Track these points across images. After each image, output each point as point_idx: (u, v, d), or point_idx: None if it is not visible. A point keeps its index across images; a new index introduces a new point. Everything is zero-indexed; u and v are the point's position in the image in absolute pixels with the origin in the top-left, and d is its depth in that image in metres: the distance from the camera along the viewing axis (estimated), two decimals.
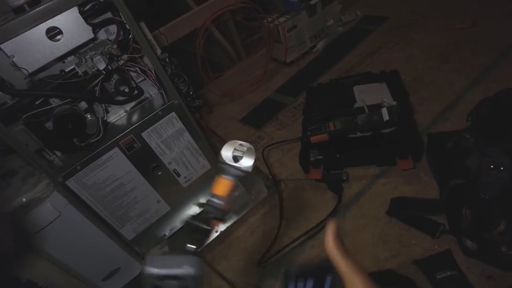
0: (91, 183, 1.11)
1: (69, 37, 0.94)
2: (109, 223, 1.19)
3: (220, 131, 1.88)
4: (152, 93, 1.22)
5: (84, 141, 1.08)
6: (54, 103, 1.01)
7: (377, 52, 2.06)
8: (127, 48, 1.08)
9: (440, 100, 1.61)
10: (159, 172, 1.21)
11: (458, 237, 1.04)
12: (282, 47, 2.15)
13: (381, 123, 1.28)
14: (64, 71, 1.02)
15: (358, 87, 1.57)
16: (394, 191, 1.30)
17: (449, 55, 1.82)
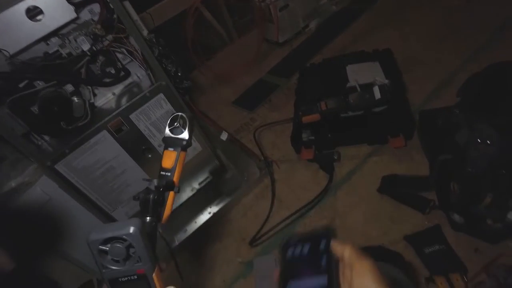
0: (80, 166, 1.10)
1: (51, 17, 0.91)
2: (101, 207, 1.19)
3: (212, 114, 1.86)
4: (140, 75, 1.20)
5: (72, 124, 1.07)
6: (38, 86, 0.99)
7: (371, 31, 2.04)
8: (111, 28, 1.06)
9: (433, 78, 1.60)
10: (149, 154, 1.20)
11: (446, 212, 1.05)
12: (274, 27, 2.11)
13: (373, 102, 1.28)
14: (48, 53, 1.00)
15: (350, 66, 1.56)
16: (386, 169, 1.31)
17: (443, 34, 1.80)
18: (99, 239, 0.41)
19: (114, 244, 0.41)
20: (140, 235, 0.41)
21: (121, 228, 0.41)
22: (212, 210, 1.38)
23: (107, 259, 0.42)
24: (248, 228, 1.32)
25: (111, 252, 0.42)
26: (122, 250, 0.41)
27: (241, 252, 1.26)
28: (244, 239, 1.29)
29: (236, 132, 1.72)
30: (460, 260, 0.97)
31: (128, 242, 0.41)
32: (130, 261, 0.42)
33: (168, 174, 0.54)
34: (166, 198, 0.54)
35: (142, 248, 0.42)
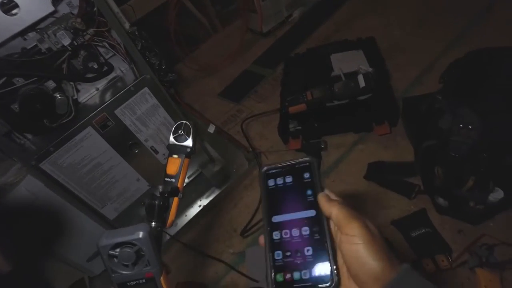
0: (66, 164, 1.08)
1: (27, 10, 0.89)
2: (89, 204, 1.18)
3: (198, 106, 1.85)
4: (123, 69, 1.18)
5: (55, 121, 1.04)
6: (18, 83, 0.96)
7: (354, 20, 2.04)
8: (92, 21, 1.03)
9: (415, 65, 1.63)
10: (136, 150, 1.19)
11: (431, 196, 1.08)
12: (258, 17, 2.10)
13: (358, 90, 1.29)
14: (26, 49, 0.97)
15: (335, 55, 1.57)
16: (372, 156, 1.33)
17: (424, 20, 1.83)
18: (109, 244, 0.43)
19: (123, 249, 0.42)
20: (149, 240, 0.43)
21: (131, 233, 0.43)
22: (202, 203, 1.39)
23: (116, 264, 0.43)
24: (238, 219, 1.33)
25: (121, 256, 0.43)
26: (132, 255, 0.43)
27: (232, 243, 1.27)
28: (235, 230, 1.30)
29: (223, 124, 1.72)
30: (445, 241, 1.00)
31: (137, 247, 0.43)
32: (139, 265, 0.44)
33: (173, 181, 0.56)
34: (170, 203, 0.56)
35: (151, 252, 0.43)
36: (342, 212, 0.39)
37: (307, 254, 0.40)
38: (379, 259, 0.35)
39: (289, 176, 0.45)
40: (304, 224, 0.42)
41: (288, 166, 0.46)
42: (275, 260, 0.41)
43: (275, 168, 0.46)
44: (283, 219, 0.43)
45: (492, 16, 1.69)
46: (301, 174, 0.44)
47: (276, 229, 0.42)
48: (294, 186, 0.44)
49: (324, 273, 0.39)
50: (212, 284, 1.19)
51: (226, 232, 1.31)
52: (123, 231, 0.44)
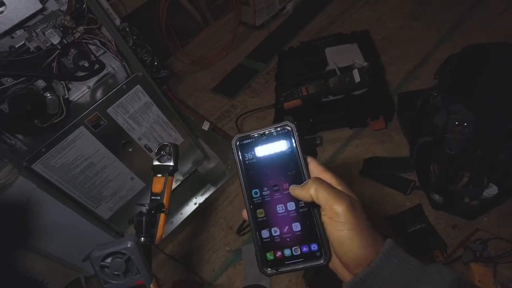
0: (59, 165, 1.07)
1: (13, 8, 0.86)
2: (83, 204, 1.17)
3: (191, 102, 1.83)
4: (115, 66, 1.15)
5: (47, 121, 1.02)
6: (7, 82, 0.94)
7: (348, 12, 2.03)
8: (82, 19, 1.00)
9: (410, 58, 1.63)
10: (129, 148, 1.17)
11: (427, 191, 1.09)
12: (250, 10, 2.07)
13: (353, 85, 1.29)
14: (14, 47, 0.94)
15: (329, 49, 1.56)
16: (367, 151, 1.33)
17: (418, 12, 1.82)
18: (100, 255, 0.45)
19: (114, 259, 0.45)
20: (137, 248, 0.45)
21: (120, 244, 0.45)
22: (197, 200, 1.38)
23: (108, 274, 0.46)
24: (234, 216, 1.33)
25: (111, 266, 0.45)
26: (122, 264, 0.45)
27: (228, 240, 1.27)
28: (231, 227, 1.30)
29: (217, 120, 1.70)
30: (440, 237, 1.01)
31: (126, 256, 0.45)
32: (129, 274, 0.46)
33: (158, 198, 0.61)
34: (157, 219, 0.59)
35: (139, 261, 0.46)
36: (326, 194, 0.36)
37: (295, 230, 0.39)
38: (363, 246, 0.35)
39: (266, 145, 0.41)
40: (289, 198, 0.40)
41: (263, 134, 0.41)
42: (263, 239, 0.40)
43: (248, 138, 0.42)
44: (265, 195, 0.40)
45: (486, 8, 1.69)
46: (280, 141, 0.41)
47: (259, 206, 0.40)
48: (273, 157, 0.41)
49: (315, 249, 0.38)
50: (208, 282, 1.19)
51: (222, 229, 1.31)
52: (113, 243, 0.46)
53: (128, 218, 0.61)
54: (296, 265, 0.39)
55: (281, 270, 0.39)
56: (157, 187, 0.61)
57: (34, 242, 1.11)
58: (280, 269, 0.39)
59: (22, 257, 1.15)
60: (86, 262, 1.25)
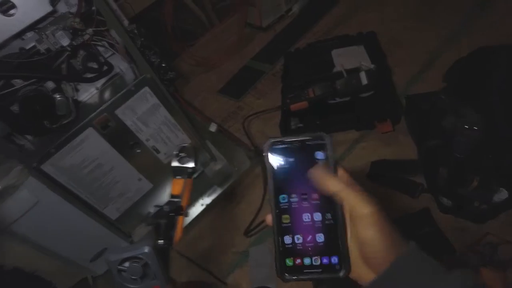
0: (67, 165, 1.07)
1: (24, 11, 0.86)
2: (91, 205, 1.17)
3: (198, 103, 1.84)
4: (123, 68, 1.16)
5: (56, 123, 1.03)
6: (17, 84, 0.95)
7: (354, 13, 2.03)
8: (91, 21, 1.01)
9: (416, 60, 1.62)
10: (137, 150, 1.18)
11: (435, 195, 1.09)
12: (256, 11, 2.07)
13: (360, 88, 1.28)
14: (24, 49, 0.95)
15: (336, 50, 1.56)
16: (374, 154, 1.33)
17: (425, 14, 1.81)
18: (117, 259, 0.45)
19: (131, 263, 0.45)
20: (154, 254, 0.45)
21: (137, 249, 0.46)
22: (204, 201, 1.38)
23: (125, 278, 0.46)
24: (241, 218, 1.33)
25: (129, 271, 0.45)
26: (139, 269, 0.45)
27: (235, 242, 1.28)
28: (238, 229, 1.30)
29: (223, 122, 1.70)
30: (449, 241, 1.01)
31: (144, 261, 0.45)
32: (146, 279, 0.46)
33: (177, 200, 0.59)
34: (176, 222, 0.58)
35: (156, 265, 0.46)
36: (355, 192, 0.37)
37: (318, 240, 0.39)
38: (389, 246, 0.36)
39: (299, 153, 0.40)
40: (316, 208, 0.40)
41: (298, 141, 0.41)
42: (285, 245, 0.40)
43: (282, 143, 0.41)
44: (292, 201, 0.40)
45: (493, 10, 1.68)
46: (313, 151, 0.40)
47: (285, 212, 0.40)
48: (305, 166, 0.40)
49: (335, 262, 0.38)
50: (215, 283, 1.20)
51: (229, 231, 1.32)
52: (130, 247, 0.47)
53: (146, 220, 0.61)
54: (314, 275, 0.39)
55: (299, 277, 0.39)
56: (176, 189, 0.60)
57: (42, 242, 1.12)
58: (298, 276, 0.39)
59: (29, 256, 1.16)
60: (94, 263, 1.26)
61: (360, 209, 0.36)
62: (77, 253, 1.22)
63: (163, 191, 1.33)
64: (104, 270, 1.31)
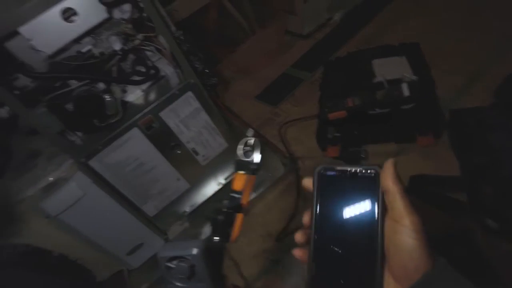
0: (112, 162, 1.13)
1: (84, 17, 0.93)
2: (132, 201, 1.23)
3: (235, 108, 1.86)
4: (168, 72, 1.20)
5: (104, 121, 1.09)
6: (73, 84, 1.02)
7: (396, 23, 1.98)
8: (141, 27, 1.07)
9: (462, 73, 1.55)
10: (178, 151, 1.22)
11: (479, 215, 1.03)
12: (297, 19, 2.08)
13: (401, 99, 1.25)
14: (81, 52, 1.02)
15: (377, 60, 1.52)
16: (413, 168, 1.28)
17: (473, 24, 1.73)
18: (166, 256, 0.46)
19: (179, 262, 0.45)
20: (202, 257, 0.45)
21: (186, 248, 0.45)
22: None
23: (172, 275, 0.46)
24: (273, 224, 1.33)
25: (176, 269, 0.45)
26: (186, 269, 0.45)
27: (266, 247, 1.28)
28: (269, 234, 1.31)
29: (259, 127, 1.72)
30: (493, 267, 0.95)
31: (191, 262, 0.45)
32: (193, 280, 0.46)
33: (238, 196, 0.55)
34: (235, 219, 0.55)
35: (203, 269, 0.45)
36: (405, 200, 0.37)
37: (354, 273, 0.39)
38: (425, 257, 0.36)
39: (349, 183, 0.40)
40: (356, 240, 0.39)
41: (349, 171, 0.40)
42: (318, 272, 0.39)
43: (333, 170, 0.41)
44: (333, 231, 0.39)
45: None
46: (363, 184, 0.39)
47: (324, 240, 0.39)
48: (352, 196, 0.39)
49: None
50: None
51: (260, 236, 1.32)
52: (180, 245, 0.47)
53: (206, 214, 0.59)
54: None
55: None
56: (237, 184, 0.56)
57: (85, 232, 1.18)
58: None
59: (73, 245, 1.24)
60: (131, 256, 1.31)
61: (408, 217, 0.36)
62: (116, 246, 1.28)
63: (199, 192, 1.37)
64: (139, 264, 1.36)
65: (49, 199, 1.07)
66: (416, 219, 0.36)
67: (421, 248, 0.36)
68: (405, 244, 0.36)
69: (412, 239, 0.36)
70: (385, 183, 0.38)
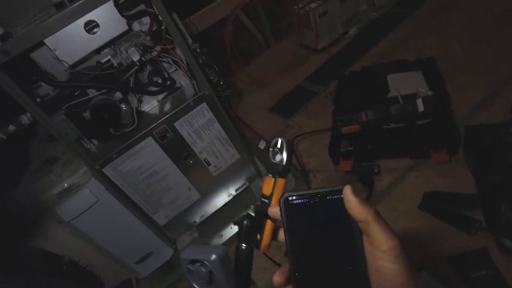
0: (126, 170, 1.15)
1: (105, 29, 0.97)
2: (143, 209, 1.24)
3: (248, 120, 1.88)
4: (184, 84, 1.23)
5: (119, 130, 1.12)
6: (91, 93, 1.05)
7: (412, 38, 1.98)
8: (159, 39, 1.10)
9: (479, 88, 1.53)
10: (190, 161, 1.23)
11: (495, 234, 1.00)
12: (313, 34, 2.10)
13: (416, 114, 1.24)
14: (100, 62, 1.05)
15: (392, 75, 1.52)
16: (427, 184, 1.26)
17: (491, 39, 1.71)
18: (187, 258, 0.44)
19: (198, 267, 0.44)
20: (220, 264, 0.43)
21: (205, 253, 0.43)
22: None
23: (194, 279, 0.45)
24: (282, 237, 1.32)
25: (196, 273, 0.44)
26: (205, 274, 0.43)
27: (276, 260, 1.27)
28: (279, 248, 1.29)
29: (272, 139, 1.72)
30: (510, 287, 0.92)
31: (209, 268, 0.43)
32: (213, 286, 0.44)
33: (267, 201, 0.51)
34: (263, 225, 0.50)
35: (221, 277, 0.43)
36: (380, 225, 0.36)
37: None
38: (406, 280, 0.36)
39: (318, 208, 0.38)
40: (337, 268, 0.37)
41: (316, 195, 0.38)
42: None
43: (299, 197, 0.38)
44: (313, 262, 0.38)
45: None
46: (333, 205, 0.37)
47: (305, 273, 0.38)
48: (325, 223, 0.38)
49: None
50: None
51: (270, 249, 1.31)
52: (201, 249, 0.45)
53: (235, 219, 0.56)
54: None
55: None
56: (266, 188, 0.52)
57: (96, 239, 1.20)
58: None
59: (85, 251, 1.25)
60: (139, 265, 1.32)
61: (386, 242, 0.35)
62: (125, 254, 1.29)
63: (210, 202, 1.37)
64: (148, 273, 1.37)
65: (63, 204, 1.09)
66: (394, 243, 0.35)
67: (403, 272, 0.35)
68: (386, 269, 0.35)
69: (393, 264, 0.35)
70: (352, 213, 0.37)
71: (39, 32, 0.87)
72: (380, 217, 0.37)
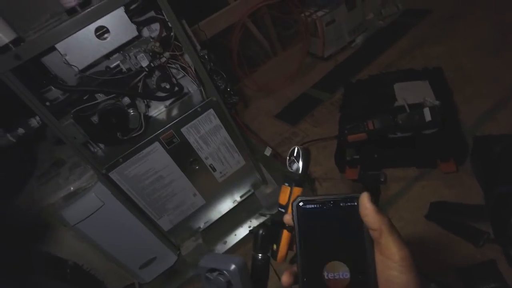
0: (132, 175, 1.16)
1: (115, 35, 0.98)
2: (148, 214, 1.24)
3: (254, 126, 1.89)
4: (191, 90, 1.24)
5: (127, 135, 1.12)
6: (99, 98, 1.06)
7: (419, 47, 1.98)
8: (169, 45, 1.11)
9: (487, 98, 1.52)
10: (196, 166, 1.24)
11: (504, 247, 0.99)
12: (319, 42, 2.11)
13: (423, 124, 1.24)
14: (109, 67, 1.06)
15: (398, 84, 1.52)
16: (434, 194, 1.25)
17: (498, 49, 1.71)
18: (205, 267, 0.45)
19: (217, 276, 0.44)
20: (238, 274, 0.43)
21: (224, 263, 0.44)
22: (252, 224, 1.39)
23: (211, 287, 0.45)
24: None
25: (214, 282, 0.44)
26: (223, 284, 0.43)
27: (280, 269, 1.26)
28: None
29: (277, 146, 1.73)
30: None
31: (228, 278, 0.43)
32: None
33: (283, 211, 0.50)
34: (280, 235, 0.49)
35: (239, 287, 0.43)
36: (393, 235, 0.36)
37: None
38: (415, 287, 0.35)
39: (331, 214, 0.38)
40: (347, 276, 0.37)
41: (330, 201, 0.38)
42: None
43: (313, 202, 0.39)
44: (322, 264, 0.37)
45: None
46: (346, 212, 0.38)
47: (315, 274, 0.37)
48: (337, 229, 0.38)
49: None
50: None
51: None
52: (220, 258, 0.45)
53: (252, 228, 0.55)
54: None
55: None
56: (282, 198, 0.51)
57: (101, 243, 1.20)
58: None
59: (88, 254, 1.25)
60: (143, 270, 1.31)
61: (397, 253, 0.35)
62: (129, 258, 1.29)
63: (214, 208, 1.37)
64: (151, 278, 1.36)
65: (69, 208, 1.10)
66: (405, 253, 0.35)
67: (413, 282, 0.35)
68: (396, 279, 0.35)
69: (403, 274, 0.35)
70: (367, 220, 0.37)
71: (50, 37, 0.89)
72: (393, 227, 0.37)
